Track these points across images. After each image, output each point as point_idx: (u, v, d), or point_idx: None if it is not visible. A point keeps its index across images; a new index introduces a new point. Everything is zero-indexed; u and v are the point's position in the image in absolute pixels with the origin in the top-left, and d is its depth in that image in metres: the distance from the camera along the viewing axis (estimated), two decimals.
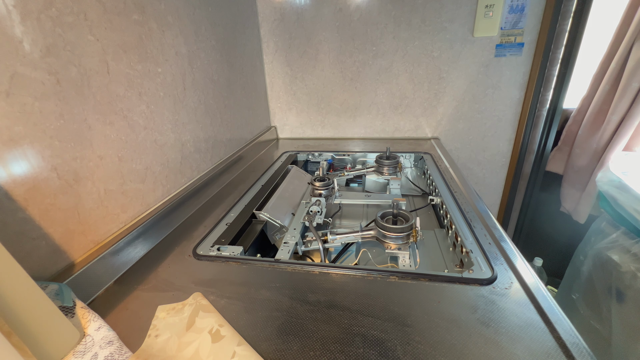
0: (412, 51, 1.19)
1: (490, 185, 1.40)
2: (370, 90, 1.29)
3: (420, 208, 0.89)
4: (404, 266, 0.62)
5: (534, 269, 0.53)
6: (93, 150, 0.54)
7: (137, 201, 0.65)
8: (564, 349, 0.40)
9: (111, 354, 0.41)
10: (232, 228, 0.74)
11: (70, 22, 0.49)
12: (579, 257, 1.11)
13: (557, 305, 0.46)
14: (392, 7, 1.13)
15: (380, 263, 0.66)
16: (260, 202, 0.86)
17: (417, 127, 1.34)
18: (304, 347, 0.42)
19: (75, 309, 0.44)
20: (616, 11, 1.05)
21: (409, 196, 0.98)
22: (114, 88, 0.58)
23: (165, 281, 0.56)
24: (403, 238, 0.66)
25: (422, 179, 1.09)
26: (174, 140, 0.76)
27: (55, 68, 0.47)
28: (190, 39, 0.81)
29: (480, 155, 1.34)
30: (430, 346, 0.41)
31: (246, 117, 1.17)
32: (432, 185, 0.94)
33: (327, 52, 1.25)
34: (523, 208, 1.39)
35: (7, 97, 0.41)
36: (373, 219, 0.71)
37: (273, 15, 1.22)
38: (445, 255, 0.68)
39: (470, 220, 0.70)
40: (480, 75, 1.19)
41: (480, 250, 0.59)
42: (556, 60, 1.10)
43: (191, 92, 0.82)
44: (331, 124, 1.40)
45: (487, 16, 1.09)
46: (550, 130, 1.22)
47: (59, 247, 0.49)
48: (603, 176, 1.01)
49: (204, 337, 0.43)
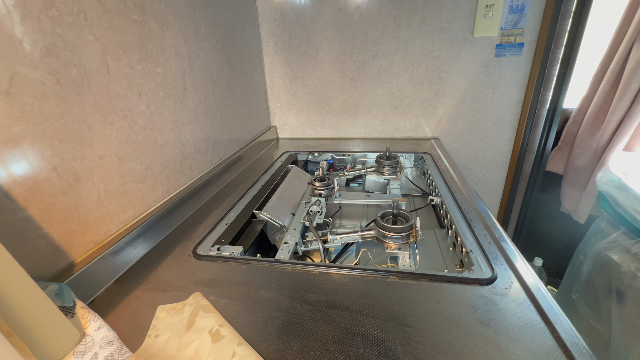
0: (412, 51, 1.19)
1: (490, 185, 1.40)
2: (370, 90, 1.29)
3: (420, 208, 0.89)
4: (404, 266, 0.62)
5: (534, 269, 0.53)
6: (93, 150, 0.54)
7: (137, 201, 0.66)
8: (564, 349, 0.40)
9: (111, 354, 0.41)
10: (232, 228, 0.74)
11: (70, 22, 0.49)
12: (579, 257, 1.11)
13: (557, 305, 0.46)
14: (392, 7, 1.13)
15: (380, 263, 0.66)
16: (260, 202, 0.86)
17: (417, 127, 1.34)
18: (304, 347, 0.42)
19: (75, 309, 0.44)
20: (616, 11, 1.05)
21: (409, 196, 0.98)
22: (114, 88, 0.58)
23: (165, 281, 0.56)
24: (403, 238, 0.66)
25: (422, 179, 1.09)
26: (174, 140, 0.76)
27: (55, 68, 0.47)
28: (190, 39, 0.81)
29: (480, 155, 1.34)
30: (430, 346, 0.41)
31: (246, 117, 1.17)
32: (432, 185, 0.94)
33: (327, 52, 1.25)
34: (523, 208, 1.39)
35: (7, 97, 0.41)
36: (373, 219, 0.71)
37: (273, 15, 1.22)
38: (445, 255, 0.68)
39: (470, 220, 0.70)
40: (480, 75, 1.19)
41: (480, 250, 0.59)
42: (556, 60, 1.10)
43: (191, 92, 0.82)
44: (331, 124, 1.40)
45: (487, 16, 1.09)
46: (550, 130, 1.22)
47: (59, 247, 0.49)
48: (603, 176, 1.01)
49: (204, 337, 0.43)
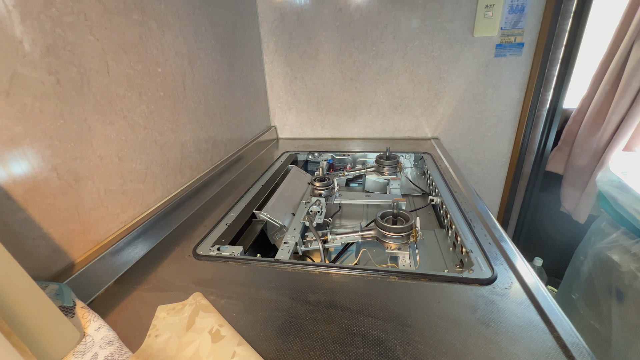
0: (412, 51, 1.19)
1: (490, 185, 1.40)
2: (370, 90, 1.29)
3: (420, 208, 0.89)
4: (404, 266, 0.62)
5: (534, 269, 0.53)
6: (93, 150, 0.54)
7: (137, 201, 0.66)
8: (564, 349, 0.40)
9: (111, 354, 0.41)
10: (232, 228, 0.74)
11: (70, 22, 0.49)
12: (579, 257, 1.11)
13: (557, 305, 0.46)
14: (392, 7, 1.13)
15: (380, 263, 0.66)
16: (260, 202, 0.86)
17: (417, 127, 1.34)
18: (304, 347, 0.42)
19: (75, 309, 0.44)
20: (616, 11, 1.05)
21: (409, 196, 0.98)
22: (114, 88, 0.58)
23: (165, 281, 0.56)
24: (403, 238, 0.66)
25: (422, 179, 1.09)
26: (174, 140, 0.76)
27: (55, 68, 0.47)
28: (190, 39, 0.81)
29: (480, 155, 1.34)
30: (430, 346, 0.41)
31: (246, 117, 1.17)
32: (432, 185, 0.94)
33: (327, 52, 1.25)
34: (523, 208, 1.39)
35: (7, 97, 0.41)
36: (373, 219, 0.71)
37: (273, 15, 1.22)
38: (445, 255, 0.68)
39: (470, 220, 0.70)
40: (480, 75, 1.19)
41: (480, 250, 0.59)
42: (556, 60, 1.10)
43: (191, 92, 0.82)
44: (331, 124, 1.40)
45: (487, 16, 1.09)
46: (550, 130, 1.22)
47: (59, 247, 0.49)
48: (603, 176, 1.01)
49: (204, 337, 0.43)
